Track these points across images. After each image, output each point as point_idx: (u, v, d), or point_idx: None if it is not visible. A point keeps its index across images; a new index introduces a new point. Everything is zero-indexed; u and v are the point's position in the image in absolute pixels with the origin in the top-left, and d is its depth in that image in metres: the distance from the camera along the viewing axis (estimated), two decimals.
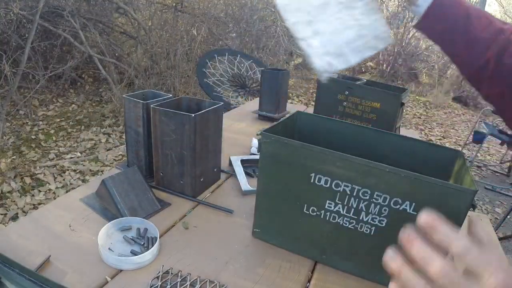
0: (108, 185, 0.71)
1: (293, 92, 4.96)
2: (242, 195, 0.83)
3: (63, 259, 0.58)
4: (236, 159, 0.95)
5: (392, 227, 0.54)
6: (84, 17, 3.92)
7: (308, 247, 0.62)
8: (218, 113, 0.80)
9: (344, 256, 0.60)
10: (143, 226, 0.66)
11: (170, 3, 4.67)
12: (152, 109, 0.74)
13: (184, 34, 4.39)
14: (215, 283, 0.56)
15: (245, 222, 0.72)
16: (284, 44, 4.92)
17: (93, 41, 3.98)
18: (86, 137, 3.12)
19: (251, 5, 5.32)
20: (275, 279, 0.58)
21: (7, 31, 3.39)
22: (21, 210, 2.10)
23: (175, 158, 0.76)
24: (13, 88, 3.10)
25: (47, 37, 3.91)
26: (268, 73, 1.34)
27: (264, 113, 1.39)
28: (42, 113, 3.47)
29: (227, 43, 5.02)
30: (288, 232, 0.63)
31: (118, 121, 3.44)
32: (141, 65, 3.98)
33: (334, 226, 0.58)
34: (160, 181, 0.81)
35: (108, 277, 0.55)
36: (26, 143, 2.91)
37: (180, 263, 0.60)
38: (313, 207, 0.58)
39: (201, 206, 0.78)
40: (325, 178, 0.55)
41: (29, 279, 0.49)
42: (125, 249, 0.62)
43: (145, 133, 0.81)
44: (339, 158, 0.53)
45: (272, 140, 0.57)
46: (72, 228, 0.66)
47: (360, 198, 0.54)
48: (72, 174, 2.53)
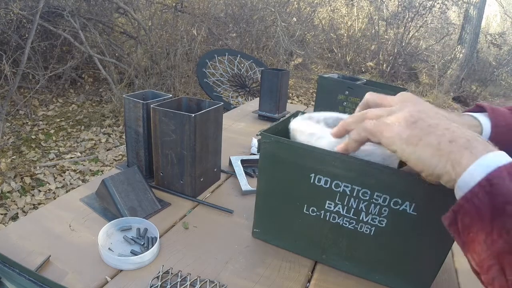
0: (108, 185, 0.71)
1: (293, 92, 4.96)
2: (242, 195, 0.83)
3: (63, 259, 0.58)
4: (236, 159, 0.95)
5: (392, 228, 0.54)
6: (84, 17, 3.93)
7: (308, 247, 0.62)
8: (218, 113, 0.80)
9: (344, 256, 0.60)
10: (143, 226, 0.67)
11: (170, 3, 4.67)
12: (152, 109, 0.75)
13: (184, 34, 4.39)
14: (215, 283, 0.56)
15: (245, 222, 0.72)
16: (284, 44, 4.92)
17: (93, 41, 3.98)
18: (86, 137, 3.12)
19: (251, 5, 5.32)
20: (275, 279, 0.58)
21: (7, 31, 3.39)
22: (21, 210, 2.10)
23: (175, 158, 0.77)
24: (13, 88, 3.10)
25: (47, 37, 3.91)
26: (268, 73, 1.34)
27: (264, 113, 1.39)
28: (42, 113, 3.47)
29: (227, 43, 5.02)
30: (288, 232, 0.63)
31: (118, 121, 3.44)
32: (141, 65, 3.98)
33: (334, 226, 0.58)
34: (160, 181, 0.81)
35: (108, 277, 0.55)
36: (26, 143, 2.91)
37: (180, 263, 0.60)
38: (313, 207, 0.58)
39: (201, 206, 0.78)
40: (325, 179, 0.55)
41: (29, 279, 0.49)
42: (125, 249, 0.62)
43: (145, 133, 0.81)
44: (339, 159, 0.53)
45: (272, 140, 0.57)
46: (72, 228, 0.66)
47: (360, 199, 0.54)
48: (72, 174, 2.53)
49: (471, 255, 0.37)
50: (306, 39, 6.39)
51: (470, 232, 0.36)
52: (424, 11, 6.29)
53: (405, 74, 6.66)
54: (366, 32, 7.01)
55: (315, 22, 6.75)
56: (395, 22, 6.45)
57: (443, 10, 6.59)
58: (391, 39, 6.70)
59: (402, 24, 6.35)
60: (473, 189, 0.35)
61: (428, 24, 6.82)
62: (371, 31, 6.92)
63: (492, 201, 0.34)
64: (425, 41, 7.28)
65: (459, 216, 0.37)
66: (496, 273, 0.34)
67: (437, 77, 6.21)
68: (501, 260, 0.33)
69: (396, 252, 0.56)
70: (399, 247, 0.55)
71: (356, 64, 6.75)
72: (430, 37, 7.40)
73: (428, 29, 7.16)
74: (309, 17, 6.43)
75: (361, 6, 7.06)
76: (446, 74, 6.46)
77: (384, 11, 6.84)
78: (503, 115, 0.55)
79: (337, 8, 7.15)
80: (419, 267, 0.55)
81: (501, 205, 0.34)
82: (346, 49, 6.83)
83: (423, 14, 6.33)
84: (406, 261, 0.55)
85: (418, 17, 6.34)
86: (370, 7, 6.87)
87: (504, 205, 0.33)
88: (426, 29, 7.04)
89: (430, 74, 6.58)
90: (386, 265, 0.57)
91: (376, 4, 6.71)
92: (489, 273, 0.35)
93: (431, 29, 7.27)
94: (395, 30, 6.56)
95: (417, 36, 6.87)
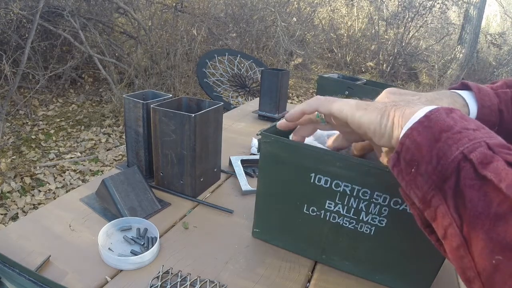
0: (108, 185, 0.71)
1: (293, 92, 4.96)
2: (242, 195, 0.83)
3: (63, 259, 0.58)
4: (236, 159, 0.95)
5: (392, 227, 0.54)
6: (84, 17, 3.93)
7: (308, 247, 0.62)
8: (218, 113, 0.80)
9: (344, 256, 0.60)
10: (143, 226, 0.67)
11: (170, 3, 4.67)
12: (152, 109, 0.74)
13: (184, 34, 4.39)
14: (215, 283, 0.56)
15: (245, 222, 0.72)
16: (284, 44, 4.92)
17: (93, 41, 3.98)
18: (86, 137, 3.12)
19: (251, 5, 5.33)
20: (275, 279, 0.58)
21: (7, 31, 3.39)
22: (21, 210, 2.10)
23: (175, 158, 0.77)
24: (13, 88, 3.10)
25: (47, 37, 3.91)
26: (268, 73, 1.34)
27: (264, 113, 1.39)
28: (42, 113, 3.47)
29: (227, 43, 5.03)
30: (288, 232, 0.63)
31: (118, 121, 3.44)
32: (141, 65, 3.98)
33: (334, 226, 0.58)
34: (160, 181, 0.81)
35: (108, 277, 0.55)
36: (26, 143, 2.91)
37: (180, 263, 0.60)
38: (313, 207, 0.58)
39: (201, 206, 0.78)
40: (325, 178, 0.55)
41: (29, 279, 0.49)
42: (125, 249, 0.62)
43: (145, 133, 0.81)
44: (339, 158, 0.53)
45: (272, 140, 0.57)
46: (72, 228, 0.66)
47: (360, 198, 0.54)
48: (72, 174, 2.53)
49: (415, 193, 0.38)
50: (306, 39, 6.39)
51: (412, 167, 0.37)
52: (424, 11, 6.29)
53: (405, 74, 6.66)
54: (366, 32, 7.01)
55: (315, 22, 6.75)
56: (395, 22, 6.45)
57: (443, 10, 6.59)
58: (391, 39, 6.70)
59: (402, 24, 6.35)
60: (413, 126, 0.38)
61: (428, 24, 6.82)
62: (371, 31, 6.93)
63: (429, 131, 0.36)
64: (425, 41, 7.28)
65: (401, 155, 0.39)
66: (438, 201, 0.35)
67: (437, 77, 6.21)
68: (441, 187, 0.35)
69: (396, 252, 0.56)
70: (399, 247, 0.55)
71: (356, 64, 6.76)
72: (430, 37, 7.40)
73: (428, 29, 7.16)
74: (309, 17, 6.43)
75: (361, 6, 7.06)
76: (446, 74, 6.46)
77: (384, 11, 6.84)
78: (488, 95, 0.55)
79: (337, 8, 7.16)
80: (419, 267, 0.55)
81: (437, 134, 0.36)
82: (346, 49, 6.84)
83: (423, 14, 6.33)
84: (406, 261, 0.55)
85: (418, 17, 6.34)
86: (370, 7, 6.87)
87: (440, 133, 0.36)
88: (426, 29, 7.05)
89: (430, 74, 6.59)
90: (386, 265, 0.57)
91: (376, 4, 6.72)
92: (431, 203, 0.36)
93: (431, 29, 7.27)
94: (395, 30, 6.56)
95: (417, 36, 6.87)
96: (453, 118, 0.37)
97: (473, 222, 0.32)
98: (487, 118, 0.54)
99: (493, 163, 0.32)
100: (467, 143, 0.34)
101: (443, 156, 0.34)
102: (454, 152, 0.34)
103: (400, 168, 0.39)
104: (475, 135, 0.35)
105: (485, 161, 0.32)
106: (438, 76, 6.24)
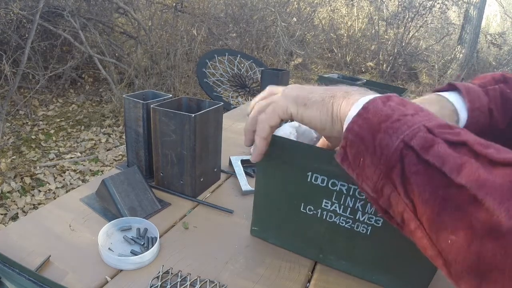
0: (108, 185, 0.71)
1: None
2: (242, 195, 0.83)
3: (63, 259, 0.58)
4: (236, 159, 0.95)
5: (388, 227, 0.54)
6: (84, 17, 3.93)
7: (305, 246, 0.62)
8: (218, 113, 0.80)
9: (340, 256, 0.60)
10: (143, 226, 0.67)
11: (170, 3, 4.67)
12: (152, 109, 0.75)
13: (184, 34, 4.39)
14: (215, 283, 0.56)
15: (245, 222, 0.72)
16: (284, 44, 4.92)
17: (93, 41, 3.98)
18: (86, 137, 3.12)
19: (251, 5, 5.33)
20: (275, 279, 0.58)
21: (7, 31, 3.39)
22: (21, 210, 2.10)
23: (175, 158, 0.77)
24: (13, 88, 3.10)
25: (47, 37, 3.91)
26: (268, 73, 1.34)
27: None
28: (42, 113, 3.47)
29: (227, 43, 5.03)
30: (286, 231, 0.63)
31: (118, 121, 3.44)
32: (141, 65, 3.98)
33: (330, 225, 0.58)
34: (160, 181, 0.81)
35: (108, 277, 0.55)
36: (26, 143, 2.91)
37: (180, 263, 0.60)
38: (310, 206, 0.58)
39: (201, 206, 0.78)
40: (321, 177, 0.55)
41: (29, 279, 0.49)
42: (125, 249, 0.62)
43: (145, 133, 0.81)
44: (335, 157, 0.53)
45: None
46: (72, 228, 0.66)
47: (356, 198, 0.54)
48: (72, 174, 2.54)
49: (366, 183, 0.38)
50: (306, 39, 6.40)
51: (359, 160, 0.38)
52: (424, 11, 6.29)
53: (405, 74, 6.66)
54: (366, 32, 7.01)
55: (315, 22, 6.75)
56: (395, 22, 6.45)
57: (443, 10, 6.59)
58: (391, 39, 6.70)
59: (402, 24, 6.35)
60: (353, 119, 0.38)
61: (428, 24, 6.82)
62: (371, 31, 6.93)
63: (369, 123, 0.37)
64: (425, 41, 7.28)
65: (347, 149, 0.39)
66: (389, 189, 0.36)
67: (437, 77, 6.21)
68: (389, 175, 0.35)
69: (393, 252, 0.55)
70: (395, 247, 0.55)
71: (356, 64, 6.76)
72: (430, 37, 7.40)
73: (428, 29, 7.16)
74: (309, 17, 6.44)
75: (361, 6, 7.06)
76: (446, 74, 6.46)
77: (384, 11, 6.85)
78: (477, 95, 0.55)
79: (337, 8, 7.16)
80: (416, 268, 0.55)
81: (377, 125, 0.36)
82: (346, 49, 6.84)
83: (423, 14, 6.34)
84: (403, 261, 0.55)
85: (418, 17, 6.34)
86: (370, 7, 6.88)
87: (379, 124, 0.36)
88: (426, 29, 7.05)
89: (430, 74, 6.58)
90: (383, 265, 0.57)
91: (376, 4, 6.72)
92: (383, 192, 0.36)
93: (431, 29, 7.27)
94: (395, 30, 6.56)
95: (417, 36, 6.87)
96: (390, 106, 0.37)
97: (424, 206, 0.33)
98: (477, 119, 0.54)
99: (434, 147, 0.32)
100: (406, 130, 0.34)
101: (385, 147, 0.35)
102: (395, 142, 0.34)
103: (349, 162, 0.40)
104: (413, 121, 0.35)
105: (426, 146, 0.33)
106: (438, 76, 6.24)
